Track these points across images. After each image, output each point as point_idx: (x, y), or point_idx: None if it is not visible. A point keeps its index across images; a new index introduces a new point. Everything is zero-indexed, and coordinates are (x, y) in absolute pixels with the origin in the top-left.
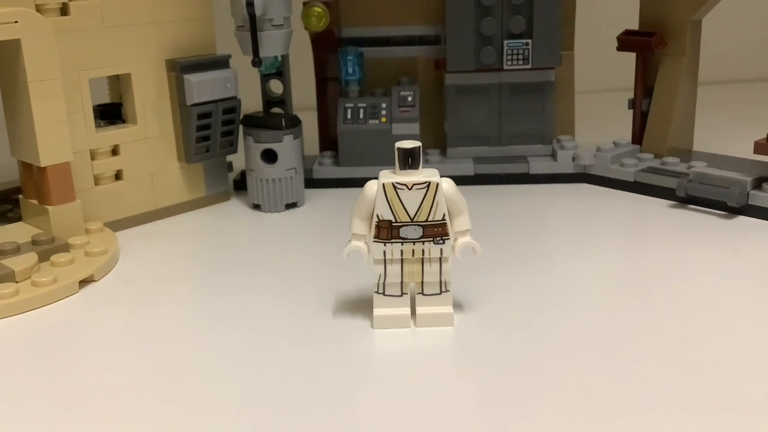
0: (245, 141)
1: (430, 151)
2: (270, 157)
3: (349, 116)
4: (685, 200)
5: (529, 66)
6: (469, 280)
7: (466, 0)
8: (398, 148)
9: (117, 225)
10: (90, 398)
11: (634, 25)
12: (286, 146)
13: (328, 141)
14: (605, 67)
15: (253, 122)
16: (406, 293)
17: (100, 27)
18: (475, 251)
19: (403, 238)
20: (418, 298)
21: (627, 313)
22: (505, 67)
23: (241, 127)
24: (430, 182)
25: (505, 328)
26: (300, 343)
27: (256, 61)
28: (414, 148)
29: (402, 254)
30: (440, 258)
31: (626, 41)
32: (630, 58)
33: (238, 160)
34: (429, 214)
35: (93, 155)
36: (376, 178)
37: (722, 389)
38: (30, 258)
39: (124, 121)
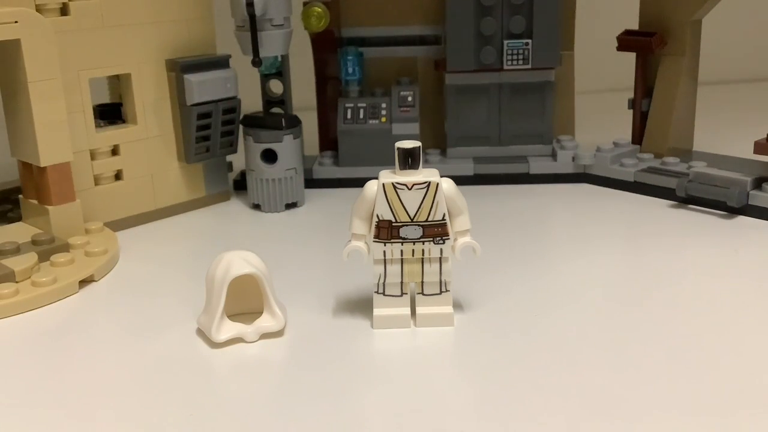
0: (245, 141)
1: (430, 151)
2: (270, 157)
3: (349, 116)
4: (685, 200)
5: (529, 66)
6: (469, 280)
7: (466, 0)
8: (398, 148)
9: (117, 225)
10: (90, 398)
11: (634, 25)
12: (286, 146)
13: (328, 141)
14: (605, 67)
15: (253, 122)
16: (406, 293)
17: (100, 27)
18: (475, 251)
19: (403, 238)
20: (418, 298)
21: (627, 313)
22: (505, 67)
23: (241, 127)
24: (430, 182)
25: (505, 328)
26: (300, 343)
27: (256, 61)
28: (414, 148)
29: (402, 254)
30: (440, 258)
31: (626, 41)
32: (630, 58)
33: (238, 160)
34: (429, 214)
35: (93, 155)
36: (376, 178)
37: (722, 389)
38: (30, 258)
39: (124, 121)
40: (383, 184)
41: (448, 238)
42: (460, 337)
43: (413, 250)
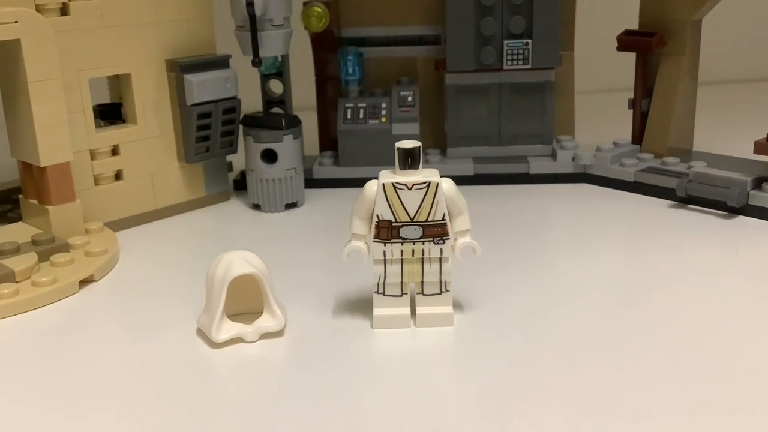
0: (245, 141)
1: (430, 151)
2: (270, 157)
3: (349, 116)
4: (685, 200)
5: (529, 66)
6: (469, 280)
7: (466, 0)
8: (398, 148)
9: (117, 225)
10: (90, 398)
11: (634, 25)
12: (286, 146)
13: (328, 141)
14: (605, 67)
15: (253, 122)
16: (406, 293)
17: (100, 27)
18: (475, 251)
19: (403, 238)
20: (418, 298)
21: (627, 313)
22: (505, 67)
23: (241, 127)
24: (430, 182)
25: (505, 328)
26: (300, 343)
27: (256, 61)
28: (414, 148)
29: (402, 254)
30: (440, 258)
31: (626, 41)
32: (630, 58)
33: (238, 160)
34: (429, 214)
35: (93, 155)
36: (376, 178)
37: (722, 389)
38: (30, 258)
39: (124, 121)
40: (383, 184)
41: (448, 238)
42: (460, 337)
43: (413, 250)
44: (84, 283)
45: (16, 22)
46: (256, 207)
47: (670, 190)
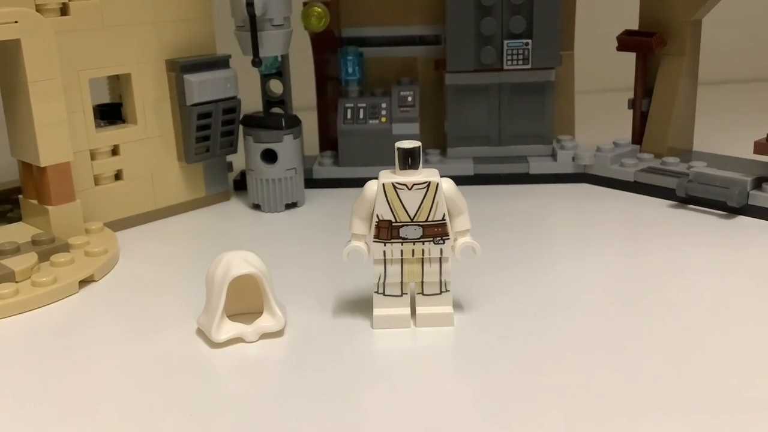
0: (245, 141)
1: (430, 151)
2: (270, 157)
3: (349, 116)
4: (685, 200)
5: (529, 66)
6: (469, 280)
7: (466, 0)
8: (398, 148)
9: (117, 225)
10: (90, 398)
11: (634, 25)
12: (286, 146)
13: (328, 141)
14: (605, 67)
15: (253, 122)
16: (406, 293)
17: (100, 27)
18: (475, 251)
19: (403, 238)
20: (418, 298)
21: (627, 313)
22: (505, 67)
23: (241, 127)
24: (430, 182)
25: (505, 328)
26: (300, 343)
27: (256, 61)
28: (414, 148)
29: (402, 254)
30: (440, 258)
31: (626, 41)
32: (630, 58)
33: (238, 160)
34: (429, 214)
35: (93, 155)
36: (376, 178)
37: (723, 389)
38: (30, 258)
39: (124, 121)
40: (383, 184)
41: (448, 238)
42: (460, 337)
43: (413, 250)
44: (84, 283)
45: (16, 22)
46: (256, 207)
47: (670, 190)
